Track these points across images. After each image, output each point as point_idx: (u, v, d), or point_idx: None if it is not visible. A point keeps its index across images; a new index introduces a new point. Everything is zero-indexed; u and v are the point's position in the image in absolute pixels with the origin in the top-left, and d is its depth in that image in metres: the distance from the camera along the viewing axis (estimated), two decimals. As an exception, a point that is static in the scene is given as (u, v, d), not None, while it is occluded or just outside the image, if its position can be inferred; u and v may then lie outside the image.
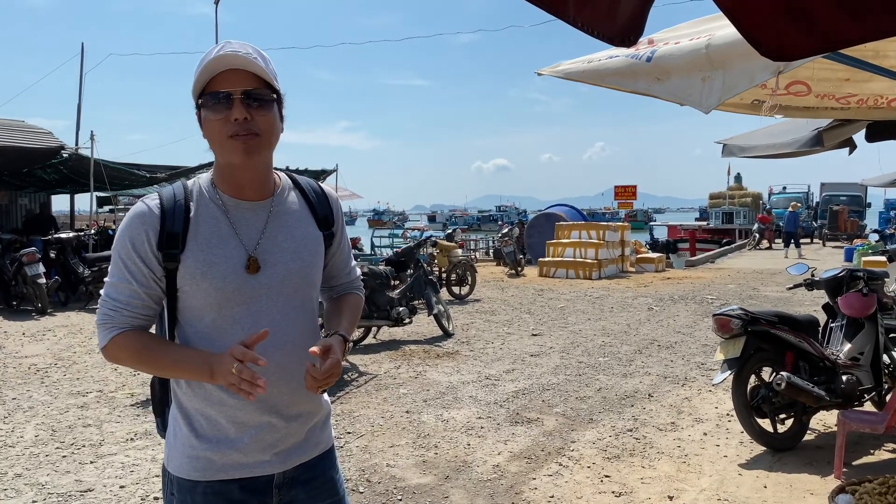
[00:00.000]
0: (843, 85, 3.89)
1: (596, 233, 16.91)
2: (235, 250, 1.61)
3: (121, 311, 1.59)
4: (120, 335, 1.58)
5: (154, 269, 1.58)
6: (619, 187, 24.76)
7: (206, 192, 1.65)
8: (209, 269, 1.57)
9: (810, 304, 10.24)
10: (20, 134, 13.78)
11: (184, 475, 1.63)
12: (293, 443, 1.70)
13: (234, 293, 1.59)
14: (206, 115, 1.57)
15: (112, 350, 1.60)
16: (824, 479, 4.24)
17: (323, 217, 1.76)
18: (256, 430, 1.64)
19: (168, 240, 1.57)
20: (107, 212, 25.03)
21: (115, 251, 1.60)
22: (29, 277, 11.04)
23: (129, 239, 1.58)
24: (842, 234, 29.32)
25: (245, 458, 1.63)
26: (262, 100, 1.57)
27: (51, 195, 19.14)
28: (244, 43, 1.59)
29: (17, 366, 7.46)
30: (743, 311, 4.75)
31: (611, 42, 1.37)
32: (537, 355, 7.91)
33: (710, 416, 5.57)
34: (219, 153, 1.61)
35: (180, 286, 1.60)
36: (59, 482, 4.29)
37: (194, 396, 1.63)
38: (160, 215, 1.58)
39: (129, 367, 1.68)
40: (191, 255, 1.58)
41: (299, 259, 1.67)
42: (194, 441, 1.63)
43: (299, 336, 1.68)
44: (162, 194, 1.63)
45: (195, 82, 1.57)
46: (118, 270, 1.59)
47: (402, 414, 5.68)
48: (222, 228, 1.61)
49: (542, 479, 4.35)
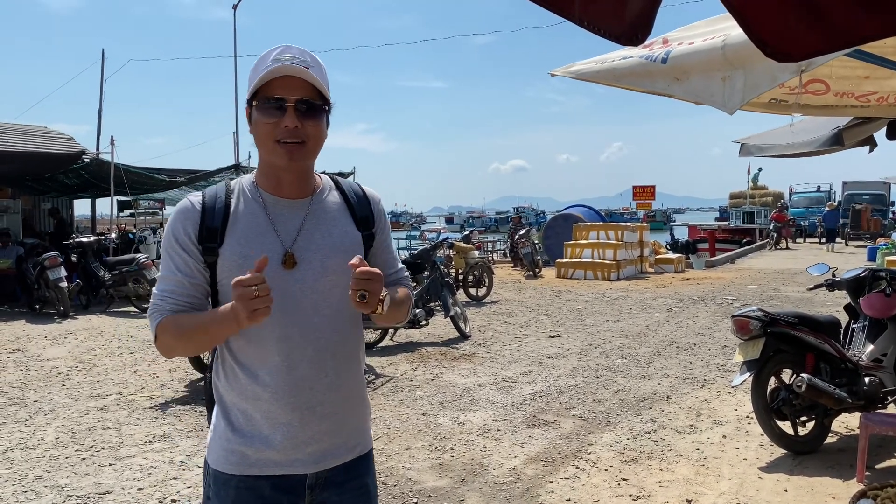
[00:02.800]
0: (862, 83, 3.83)
1: (614, 233, 16.82)
2: (272, 245, 1.64)
3: (166, 298, 1.64)
4: (163, 320, 1.63)
5: (196, 259, 1.64)
6: (638, 187, 24.62)
7: (248, 190, 1.71)
8: (245, 262, 1.59)
9: (832, 305, 10.10)
10: (42, 139, 13.95)
11: (220, 468, 1.67)
12: (328, 443, 1.70)
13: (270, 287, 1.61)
14: (257, 117, 1.62)
15: (160, 337, 1.64)
16: (846, 483, 4.17)
17: (363, 218, 1.78)
18: (288, 426, 1.64)
19: (207, 233, 1.63)
20: (127, 216, 25.31)
21: (163, 246, 1.69)
22: (51, 281, 11.19)
23: (172, 233, 1.66)
24: (864, 233, 28.91)
25: (278, 455, 1.65)
26: (314, 109, 1.62)
27: (72, 200, 19.40)
28: (303, 49, 1.64)
29: (39, 368, 7.56)
30: (762, 313, 4.70)
31: (618, 41, 1.35)
32: (555, 357, 7.87)
33: (729, 419, 5.50)
34: (264, 153, 1.66)
35: (219, 279, 1.65)
36: (78, 484, 4.34)
37: (231, 390, 1.67)
38: (201, 210, 1.65)
39: (179, 349, 1.71)
40: (228, 248, 1.63)
41: (336, 256, 1.68)
42: (230, 434, 1.66)
43: (332, 333, 1.69)
44: (205, 192, 1.70)
45: (251, 82, 1.62)
46: (165, 264, 1.67)
47: (418, 416, 5.67)
48: (260, 223, 1.66)
49: (559, 482, 4.32)
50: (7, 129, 13.91)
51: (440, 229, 32.97)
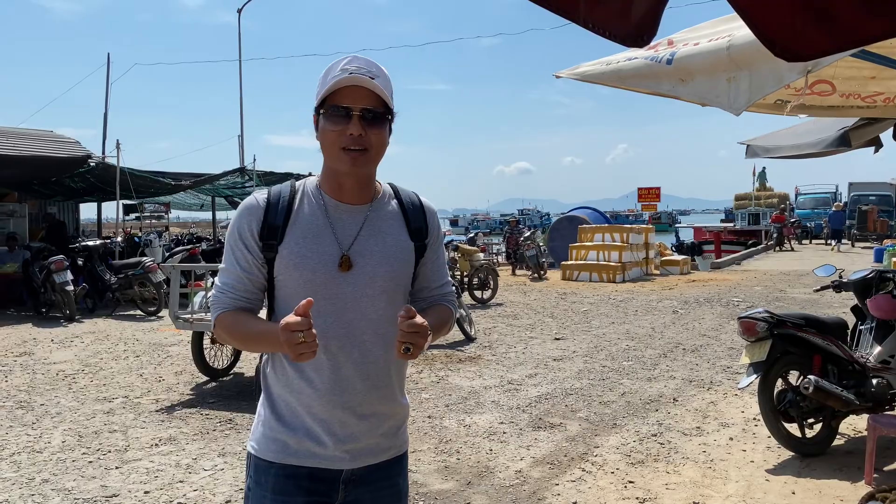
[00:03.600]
0: (868, 83, 3.82)
1: (619, 235, 16.80)
2: (330, 247, 1.70)
3: (227, 292, 1.72)
4: (222, 314, 1.71)
5: (256, 255, 1.71)
6: (643, 189, 24.57)
7: (311, 193, 1.76)
8: (301, 262, 1.67)
9: (839, 307, 10.07)
10: (48, 144, 14.02)
11: (261, 455, 1.73)
12: (366, 443, 1.74)
13: (321, 287, 1.67)
14: (324, 125, 1.67)
15: (217, 329, 1.74)
16: (854, 486, 4.15)
17: (416, 228, 1.83)
18: (328, 423, 1.70)
19: (269, 231, 1.70)
20: (133, 219, 25.40)
21: (227, 239, 1.77)
22: (57, 285, 11.22)
23: (236, 228, 1.73)
24: (871, 234, 28.78)
25: (317, 448, 1.70)
26: (378, 118, 1.67)
27: (78, 203, 19.47)
28: (369, 60, 1.69)
29: (46, 372, 7.58)
30: (769, 314, 4.68)
31: (623, 43, 1.35)
32: (560, 359, 7.86)
33: (736, 421, 5.49)
34: (329, 159, 1.72)
35: (276, 275, 1.71)
36: (85, 487, 4.34)
37: (278, 382, 1.74)
38: (265, 207, 1.72)
39: (231, 344, 1.85)
40: (287, 246, 1.69)
41: (387, 264, 1.74)
42: (274, 423, 1.73)
43: (377, 337, 1.73)
44: (271, 190, 1.76)
45: (319, 91, 1.67)
46: (227, 257, 1.74)
47: (423, 419, 5.67)
48: (319, 225, 1.72)
49: (565, 484, 4.31)
50: (13, 133, 13.98)
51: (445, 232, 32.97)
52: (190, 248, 14.80)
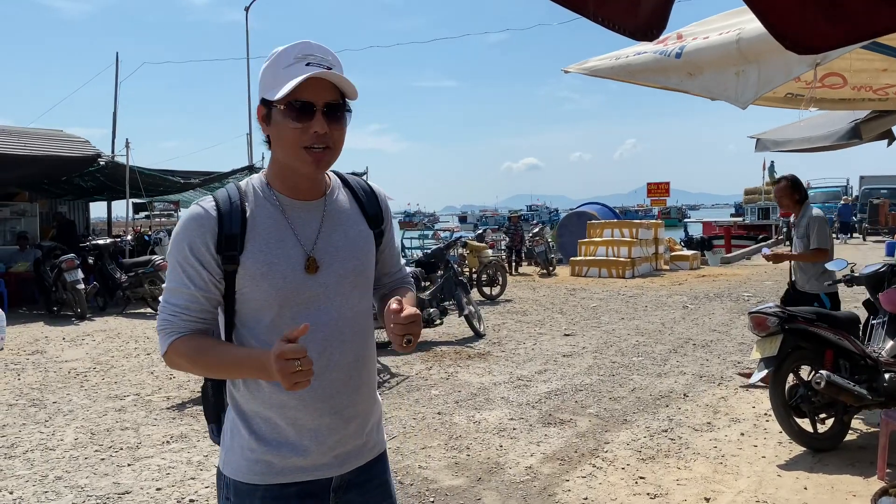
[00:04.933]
0: (880, 76, 3.79)
1: (629, 231, 16.74)
2: (293, 249, 1.58)
3: (179, 315, 1.56)
4: (178, 340, 1.55)
5: (213, 271, 1.55)
6: (652, 184, 24.48)
7: (261, 192, 1.62)
8: (269, 269, 1.55)
9: (850, 301, 10.01)
10: (58, 143, 14.08)
11: (242, 479, 1.61)
12: (352, 445, 1.68)
13: (293, 293, 1.57)
14: (281, 120, 1.53)
15: (171, 356, 1.57)
16: (867, 481, 4.13)
17: (373, 215, 1.75)
18: (316, 431, 1.61)
19: (227, 242, 1.54)
20: (143, 218, 25.51)
21: (172, 256, 1.57)
22: (68, 283, 11.30)
23: (186, 243, 1.55)
24: (883, 228, 28.61)
25: (305, 461, 1.61)
26: (340, 113, 1.56)
27: (88, 202, 19.57)
28: (323, 47, 1.56)
29: (58, 370, 7.63)
30: (780, 309, 4.66)
31: (633, 36, 1.34)
32: (570, 355, 7.85)
33: (747, 416, 5.46)
34: (286, 158, 1.58)
35: (239, 288, 1.57)
36: (97, 484, 4.37)
37: (252, 399, 1.61)
38: (217, 217, 1.55)
39: (189, 371, 1.64)
40: (250, 255, 1.55)
41: (354, 258, 1.66)
42: (254, 444, 1.60)
43: (354, 335, 1.66)
44: (217, 196, 1.59)
45: (269, 80, 1.53)
46: (176, 275, 1.56)
47: (433, 415, 5.67)
48: (280, 228, 1.59)
49: (576, 480, 4.31)
50: (24, 133, 14.06)
51: (453, 228, 32.95)
52: (199, 246, 14.84)
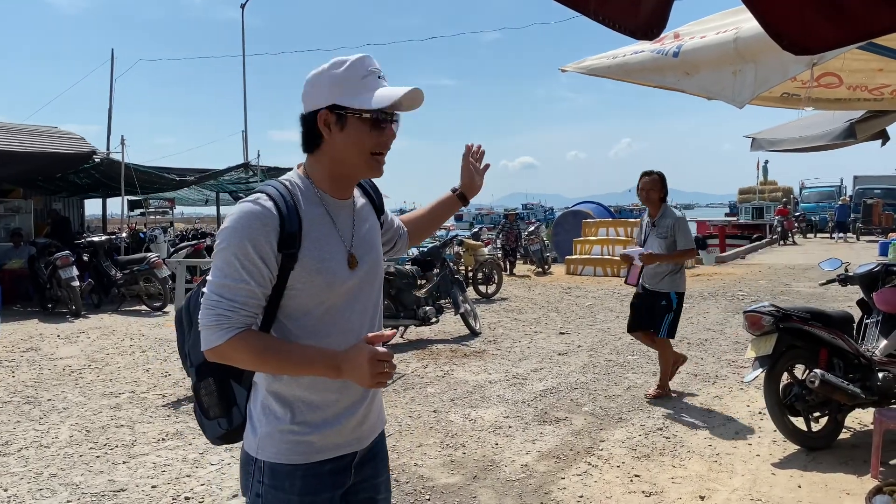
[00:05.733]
0: (875, 76, 3.80)
1: (624, 230, 16.77)
2: (338, 246, 1.70)
3: (237, 310, 1.59)
4: (238, 335, 1.59)
5: (273, 269, 1.61)
6: (647, 183, 24.47)
7: (307, 191, 1.70)
8: (323, 265, 1.65)
9: (844, 300, 10.05)
10: (53, 140, 14.03)
11: (283, 460, 1.69)
12: (372, 420, 1.83)
13: (340, 287, 1.68)
14: (361, 128, 1.63)
15: (226, 350, 1.60)
16: (861, 479, 4.15)
17: (379, 206, 1.91)
18: (352, 409, 1.75)
19: (288, 239, 1.60)
20: (138, 215, 25.45)
21: (227, 252, 1.59)
22: (63, 280, 11.26)
23: (248, 240, 1.58)
24: (876, 227, 28.71)
25: (340, 437, 1.74)
26: (398, 123, 1.70)
27: (83, 199, 19.51)
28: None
29: (53, 367, 7.61)
30: (774, 308, 4.67)
31: (633, 35, 1.35)
32: (565, 354, 7.86)
33: (741, 415, 5.48)
34: (352, 161, 1.68)
35: (292, 284, 1.63)
36: (92, 482, 4.36)
37: (297, 386, 1.69)
38: (279, 216, 1.60)
39: (242, 365, 1.68)
40: (307, 252, 1.63)
41: (374, 249, 1.81)
42: (295, 427, 1.69)
43: (375, 320, 1.82)
44: (272, 195, 1.63)
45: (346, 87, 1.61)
46: (233, 271, 1.59)
47: (429, 413, 5.68)
48: (327, 226, 1.70)
49: (571, 478, 4.32)
50: (18, 129, 14.00)
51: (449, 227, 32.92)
52: (195, 243, 14.84)
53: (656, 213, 5.91)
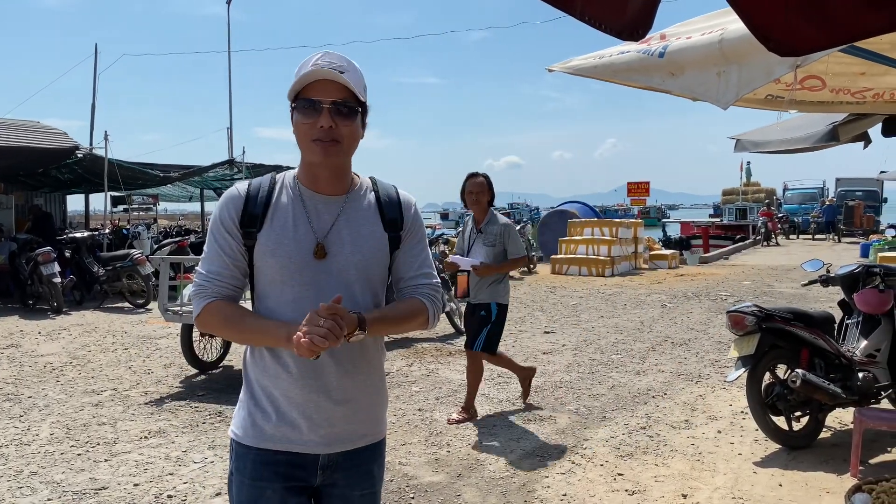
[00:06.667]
0: (858, 79, 3.84)
1: (609, 230, 16.85)
2: (305, 235, 1.77)
3: (212, 280, 1.78)
4: (212, 303, 1.76)
5: (238, 241, 1.78)
6: (632, 184, 24.67)
7: (289, 184, 1.84)
8: (277, 248, 1.75)
9: (826, 301, 10.15)
10: (35, 134, 13.89)
11: (241, 440, 1.81)
12: (340, 428, 1.80)
13: (297, 273, 1.75)
14: (296, 118, 1.75)
15: (204, 317, 1.77)
16: (840, 478, 4.19)
17: (391, 220, 1.88)
18: (304, 406, 1.76)
19: (249, 219, 1.77)
20: (121, 211, 25.23)
21: (209, 230, 1.83)
22: (44, 277, 11.13)
23: (218, 216, 1.80)
24: (857, 229, 29.00)
25: (293, 433, 1.77)
26: (348, 110, 1.74)
27: (66, 195, 19.31)
28: (341, 55, 1.78)
29: (33, 364, 7.53)
30: (757, 308, 4.71)
31: (619, 36, 1.36)
32: (550, 353, 7.89)
33: (724, 414, 5.53)
34: (302, 151, 1.80)
35: (255, 262, 1.79)
36: (73, 480, 4.33)
37: (256, 367, 1.81)
38: (245, 197, 1.80)
39: (218, 334, 1.88)
40: (265, 234, 1.77)
41: (359, 253, 1.81)
42: (252, 408, 1.80)
43: None
44: (251, 181, 1.85)
45: (292, 85, 1.74)
46: (210, 246, 1.81)
47: (414, 412, 5.68)
48: (297, 214, 1.79)
49: (555, 477, 4.33)
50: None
51: (435, 226, 32.95)
52: (178, 240, 14.73)
53: (483, 218, 5.44)
